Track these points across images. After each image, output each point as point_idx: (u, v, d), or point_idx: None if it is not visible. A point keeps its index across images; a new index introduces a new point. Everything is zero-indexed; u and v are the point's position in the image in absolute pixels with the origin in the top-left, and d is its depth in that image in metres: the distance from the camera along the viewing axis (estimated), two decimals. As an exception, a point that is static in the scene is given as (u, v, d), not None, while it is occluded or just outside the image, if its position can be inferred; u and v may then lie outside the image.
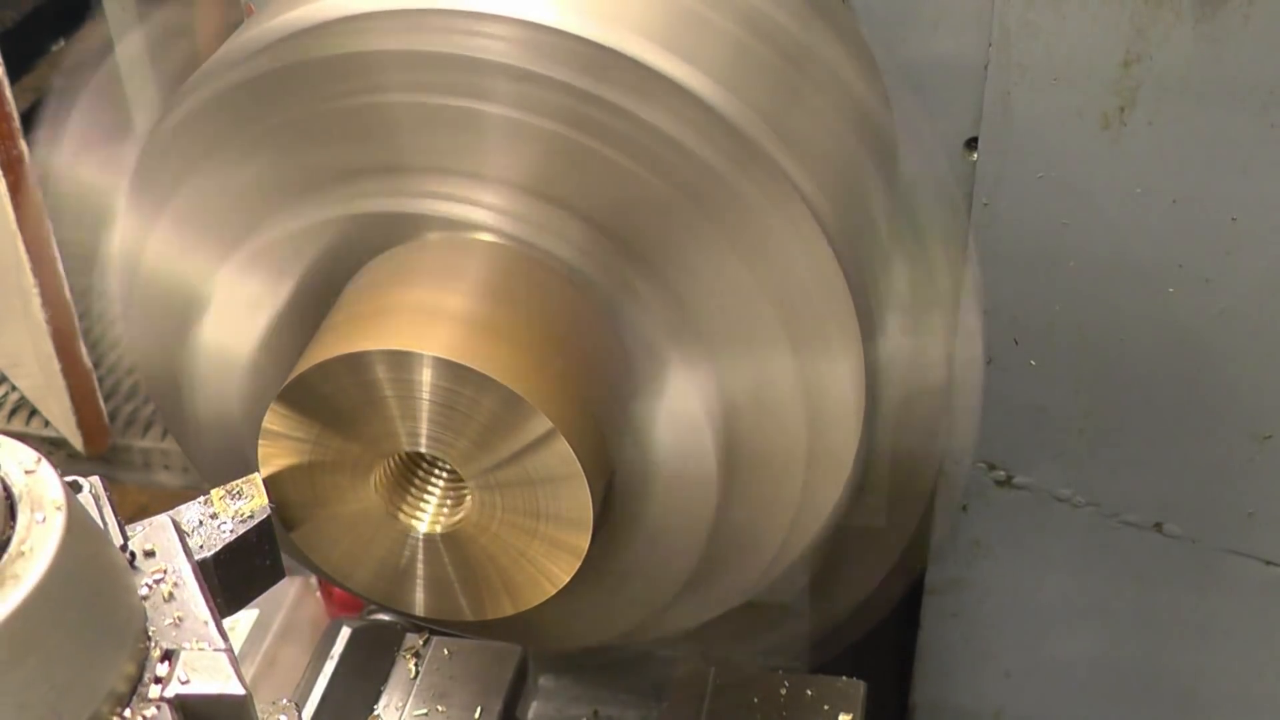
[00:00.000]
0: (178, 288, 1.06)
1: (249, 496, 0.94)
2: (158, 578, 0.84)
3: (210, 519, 0.93)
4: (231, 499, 0.94)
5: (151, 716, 0.76)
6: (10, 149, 2.38)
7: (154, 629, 0.81)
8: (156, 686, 0.77)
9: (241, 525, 0.93)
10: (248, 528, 0.93)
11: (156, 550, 0.86)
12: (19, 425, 4.09)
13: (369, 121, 0.97)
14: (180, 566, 0.85)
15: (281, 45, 0.96)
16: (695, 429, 1.00)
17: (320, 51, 0.95)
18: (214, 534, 0.92)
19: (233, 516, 0.93)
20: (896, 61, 1.37)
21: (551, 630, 1.19)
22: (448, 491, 1.02)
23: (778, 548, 1.09)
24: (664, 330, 0.99)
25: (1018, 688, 1.81)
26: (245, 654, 1.96)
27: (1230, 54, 1.27)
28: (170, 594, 0.83)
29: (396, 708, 1.45)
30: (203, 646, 0.80)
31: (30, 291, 2.40)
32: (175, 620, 0.82)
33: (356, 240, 1.01)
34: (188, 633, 0.81)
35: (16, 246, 2.39)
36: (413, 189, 0.99)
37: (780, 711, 1.43)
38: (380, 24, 0.95)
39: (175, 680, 0.77)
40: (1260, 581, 1.57)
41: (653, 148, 0.95)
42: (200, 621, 0.82)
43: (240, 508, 0.93)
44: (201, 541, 0.91)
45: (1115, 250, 1.41)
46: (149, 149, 1.04)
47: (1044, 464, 1.59)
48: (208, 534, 0.92)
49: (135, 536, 0.87)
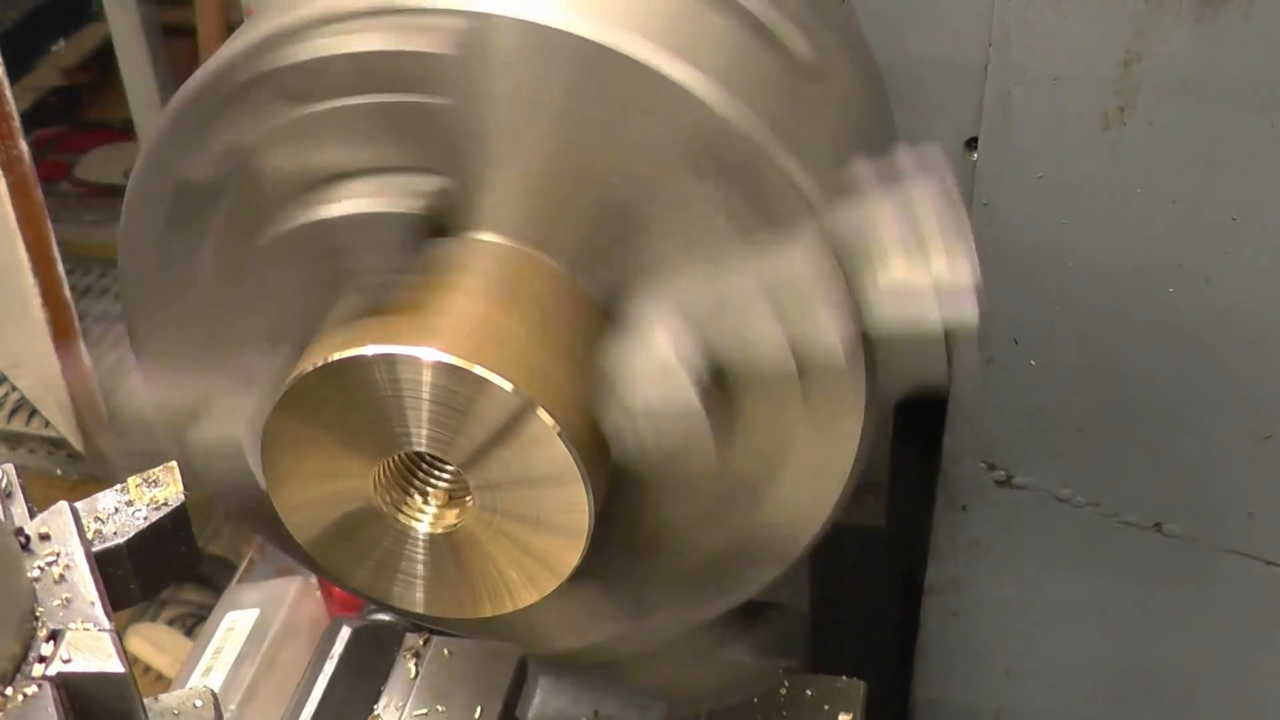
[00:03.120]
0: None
1: (165, 484, 0.95)
2: (50, 560, 0.86)
3: (126, 506, 0.94)
4: (148, 486, 0.94)
5: (32, 694, 0.77)
6: (10, 149, 2.38)
7: (42, 610, 0.83)
8: (40, 665, 0.79)
9: (156, 512, 0.93)
10: (162, 515, 0.93)
11: (52, 534, 0.88)
12: (19, 425, 4.11)
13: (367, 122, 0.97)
14: (74, 550, 0.87)
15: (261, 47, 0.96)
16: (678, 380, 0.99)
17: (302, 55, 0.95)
18: (128, 521, 0.93)
19: (148, 504, 0.93)
20: (896, 61, 1.37)
21: (547, 630, 1.19)
22: (447, 491, 1.03)
23: (786, 510, 1.09)
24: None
25: (1018, 688, 1.81)
26: (245, 654, 1.96)
27: (1230, 54, 1.26)
28: (61, 576, 0.85)
29: (396, 708, 1.45)
30: (88, 627, 0.82)
31: (30, 291, 2.40)
32: (64, 601, 0.84)
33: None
34: (75, 613, 0.83)
35: (16, 246, 2.39)
36: (410, 190, 0.99)
37: (780, 711, 1.43)
38: (371, 23, 0.95)
39: (58, 659, 0.79)
40: (1260, 581, 1.57)
41: (653, 147, 0.95)
42: (88, 603, 0.84)
43: (156, 495, 0.94)
44: (116, 528, 0.92)
45: (1115, 250, 1.41)
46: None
47: (1044, 464, 1.59)
48: (122, 521, 0.93)
49: (34, 521, 0.89)
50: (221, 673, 1.93)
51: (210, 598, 3.66)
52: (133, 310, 1.13)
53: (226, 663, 1.95)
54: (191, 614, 3.75)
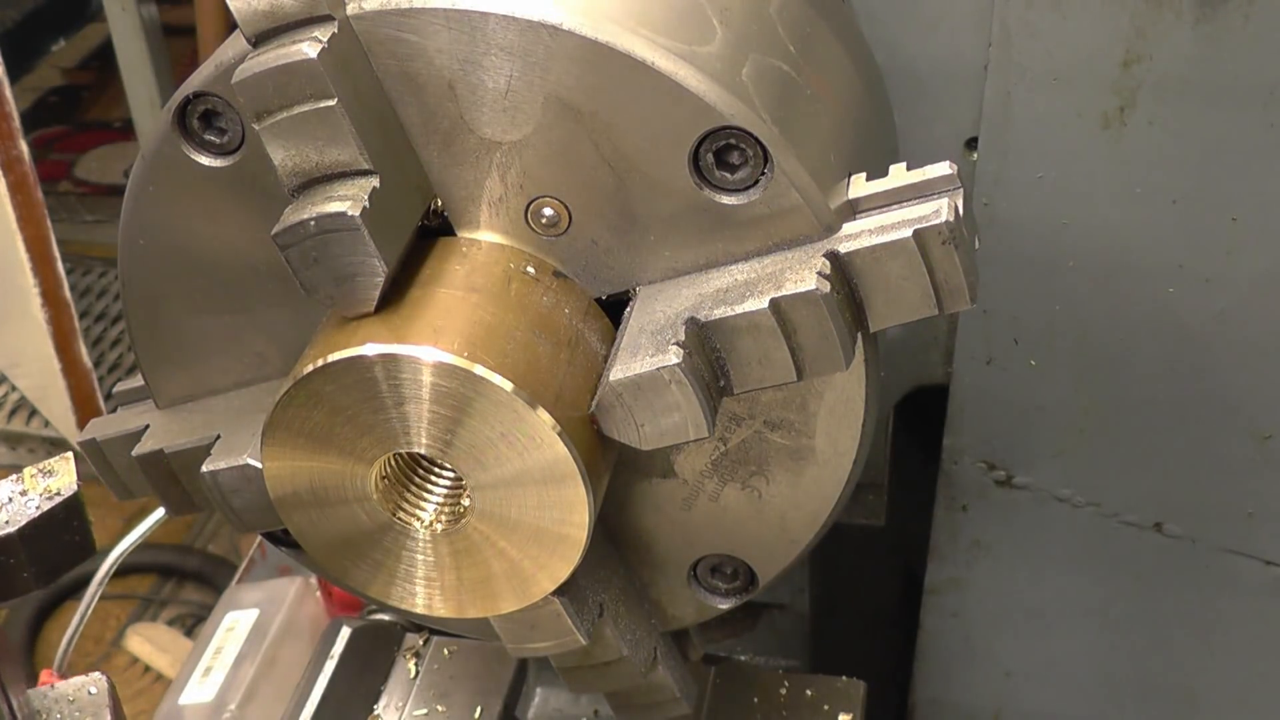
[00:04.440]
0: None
1: (59, 474, 0.95)
2: None
3: (20, 495, 0.94)
4: (43, 477, 0.95)
5: None
6: (10, 149, 2.39)
7: None
8: None
9: (49, 502, 0.94)
10: (54, 504, 0.94)
11: None
12: (19, 425, 4.11)
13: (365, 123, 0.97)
14: None
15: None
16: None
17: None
18: (21, 510, 0.93)
19: (41, 493, 0.94)
20: (896, 61, 1.37)
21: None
22: (447, 491, 1.03)
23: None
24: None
25: (1018, 688, 1.81)
26: (245, 654, 1.96)
27: (1230, 54, 1.27)
28: None
29: (396, 707, 1.45)
30: None
31: (30, 291, 2.40)
32: None
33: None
34: None
35: (16, 246, 2.39)
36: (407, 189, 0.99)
37: (780, 711, 1.43)
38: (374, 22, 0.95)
39: None
40: (1260, 581, 1.57)
41: (654, 145, 0.95)
42: None
43: (49, 485, 0.94)
44: (8, 517, 0.93)
45: (1115, 250, 1.41)
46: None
47: (1044, 464, 1.59)
48: (15, 510, 0.94)
49: None
50: (221, 673, 1.93)
51: (210, 598, 3.66)
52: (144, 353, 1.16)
53: (226, 663, 1.95)
54: (191, 614, 3.76)
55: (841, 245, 0.95)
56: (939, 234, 0.92)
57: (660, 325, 0.96)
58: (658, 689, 1.19)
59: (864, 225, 0.95)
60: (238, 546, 3.59)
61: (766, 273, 0.96)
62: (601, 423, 0.97)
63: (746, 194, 0.96)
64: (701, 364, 0.95)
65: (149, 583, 3.83)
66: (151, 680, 3.49)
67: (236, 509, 1.08)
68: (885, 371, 1.12)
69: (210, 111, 1.02)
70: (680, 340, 0.93)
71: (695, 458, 1.10)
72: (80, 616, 2.18)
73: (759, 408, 1.06)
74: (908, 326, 1.01)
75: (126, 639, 3.61)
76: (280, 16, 0.93)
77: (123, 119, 5.07)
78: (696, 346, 0.95)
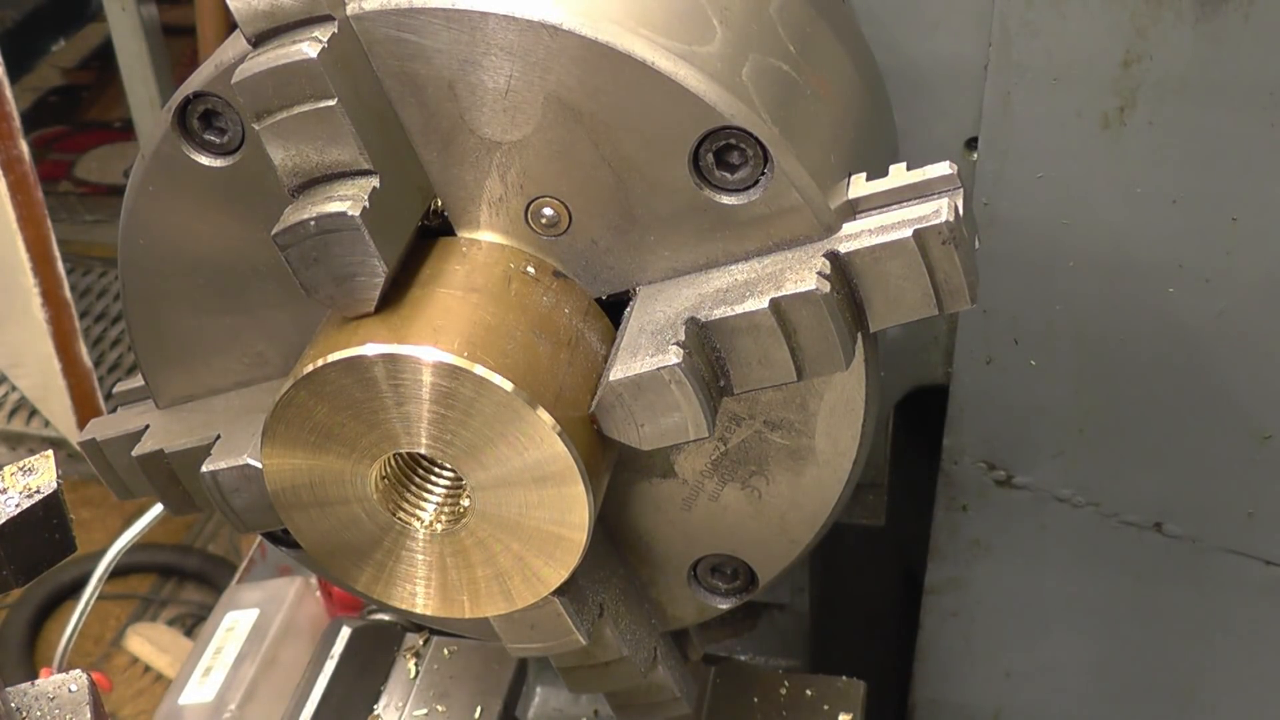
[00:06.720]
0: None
1: (39, 472, 0.95)
2: None
3: None
4: (23, 475, 0.95)
5: None
6: (10, 149, 2.39)
7: None
8: None
9: (28, 500, 0.94)
10: (34, 502, 0.94)
11: None
12: (19, 425, 4.11)
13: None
14: None
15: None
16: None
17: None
18: (0, 508, 0.93)
19: (20, 491, 0.94)
20: (896, 61, 1.37)
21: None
22: (447, 491, 1.03)
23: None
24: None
25: (1018, 688, 1.81)
26: (245, 654, 1.96)
27: (1230, 54, 1.27)
28: None
29: (396, 707, 1.45)
30: None
31: (30, 291, 2.41)
32: None
33: None
34: None
35: (17, 246, 2.39)
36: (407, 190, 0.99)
37: (780, 711, 1.43)
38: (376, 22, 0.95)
39: None
40: (1260, 581, 1.57)
41: (654, 145, 0.95)
42: None
43: (29, 483, 0.94)
44: None
45: (1115, 250, 1.41)
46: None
47: (1044, 464, 1.59)
48: None
49: None
50: (221, 673, 1.94)
51: (210, 598, 3.67)
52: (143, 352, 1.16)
53: (226, 663, 1.95)
54: (191, 614, 3.76)
55: (841, 245, 0.95)
56: (939, 234, 0.92)
57: (660, 325, 0.96)
58: (658, 689, 1.19)
59: (864, 225, 0.95)
60: (238, 546, 3.59)
61: (766, 273, 0.96)
62: (601, 423, 0.97)
63: (746, 194, 0.96)
64: (701, 364, 0.95)
65: (149, 583, 3.84)
66: (151, 680, 3.49)
67: (236, 509, 1.08)
68: (885, 371, 1.12)
69: (210, 111, 1.02)
70: (680, 340, 0.93)
71: (695, 458, 1.10)
72: (79, 615, 2.19)
73: (759, 408, 1.06)
74: (908, 326, 1.01)
75: (126, 639, 3.62)
76: (280, 16, 0.93)
77: (122, 119, 5.07)
78: (696, 346, 0.95)
